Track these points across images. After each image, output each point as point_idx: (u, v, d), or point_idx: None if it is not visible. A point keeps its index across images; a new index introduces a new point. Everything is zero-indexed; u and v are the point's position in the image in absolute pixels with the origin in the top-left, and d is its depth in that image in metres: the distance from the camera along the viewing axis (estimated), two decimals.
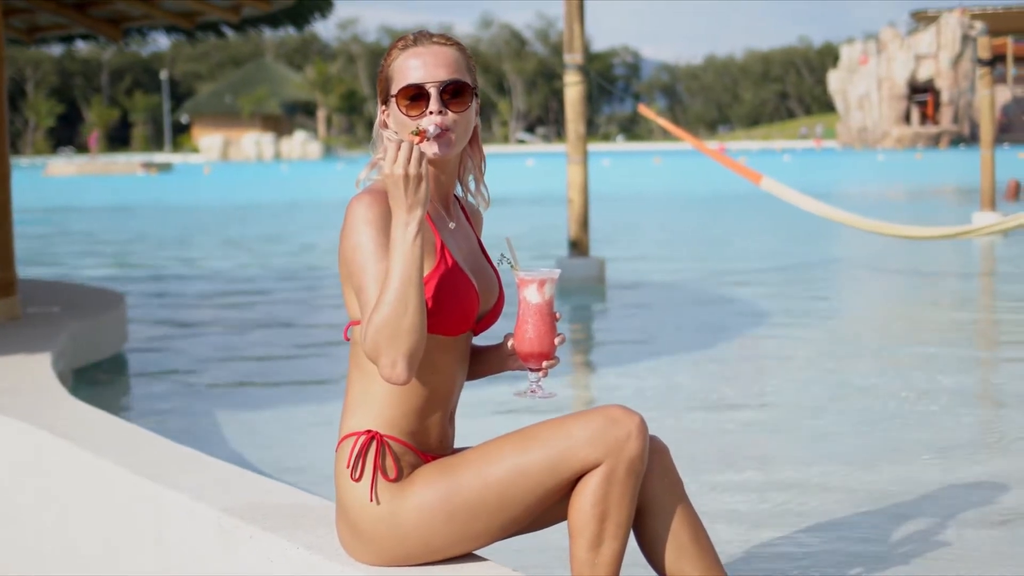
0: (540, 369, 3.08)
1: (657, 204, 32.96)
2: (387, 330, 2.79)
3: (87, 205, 37.94)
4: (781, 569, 4.52)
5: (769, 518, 5.14)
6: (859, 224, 13.13)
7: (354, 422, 3.01)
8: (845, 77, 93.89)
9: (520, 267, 3.06)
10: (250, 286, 15.09)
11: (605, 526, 2.91)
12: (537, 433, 2.97)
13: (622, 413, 2.94)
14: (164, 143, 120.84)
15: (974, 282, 14.88)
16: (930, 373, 8.38)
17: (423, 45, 3.02)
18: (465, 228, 3.18)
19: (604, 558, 2.92)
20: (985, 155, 20.66)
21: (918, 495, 5.41)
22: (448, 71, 3.00)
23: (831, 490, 5.55)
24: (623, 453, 2.90)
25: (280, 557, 3.22)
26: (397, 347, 2.80)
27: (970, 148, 78.63)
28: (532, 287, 3.04)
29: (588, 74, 14.72)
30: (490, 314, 3.14)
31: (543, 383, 3.09)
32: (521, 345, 3.05)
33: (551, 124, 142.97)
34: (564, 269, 14.21)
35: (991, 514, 5.14)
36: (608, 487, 2.90)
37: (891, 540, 4.78)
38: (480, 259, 3.17)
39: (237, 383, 8.78)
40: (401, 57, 3.03)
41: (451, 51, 3.04)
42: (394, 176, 2.79)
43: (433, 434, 3.06)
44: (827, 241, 19.78)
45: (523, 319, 3.05)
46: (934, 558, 4.57)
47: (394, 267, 2.80)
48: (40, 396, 5.54)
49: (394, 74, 3.02)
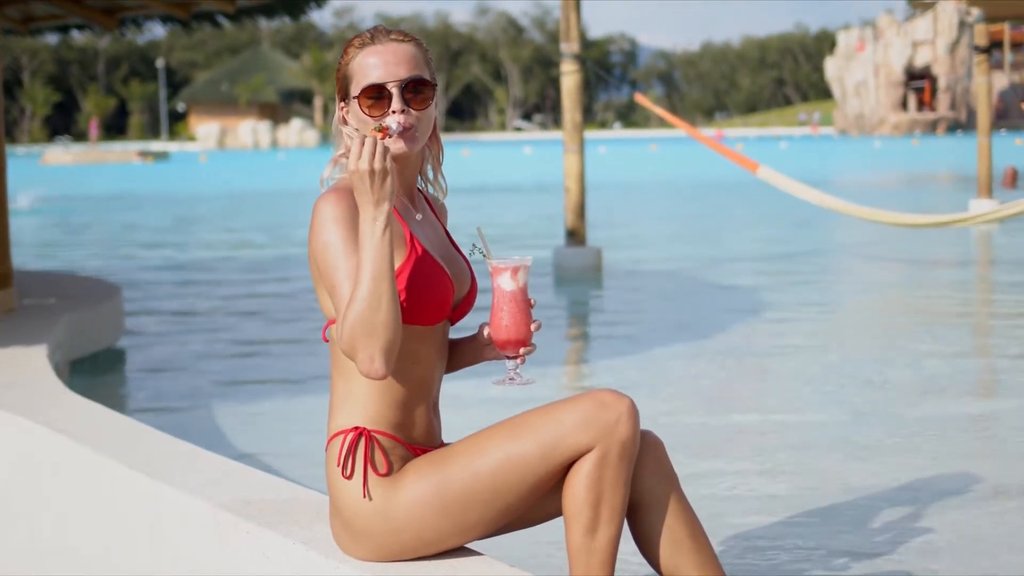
0: (517, 356, 3.08)
1: (654, 192, 32.95)
2: (362, 326, 2.80)
3: (83, 194, 37.89)
4: (778, 561, 4.52)
5: (764, 509, 5.13)
6: (856, 212, 13.13)
7: (340, 421, 3.02)
8: (842, 64, 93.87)
9: (492, 255, 3.06)
10: (247, 276, 15.08)
11: (600, 511, 2.91)
12: (527, 421, 2.97)
13: (611, 396, 2.94)
14: (161, 131, 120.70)
15: (971, 270, 14.89)
16: (927, 361, 8.39)
17: (381, 43, 3.03)
18: (431, 219, 3.19)
19: (600, 543, 2.92)
20: (982, 142, 20.67)
21: (916, 486, 5.41)
22: (408, 68, 3.01)
23: (829, 480, 5.55)
24: (614, 436, 2.90)
25: (277, 553, 3.22)
26: (373, 342, 2.81)
27: (967, 134, 78.65)
28: (506, 275, 3.05)
29: (585, 63, 14.70)
30: (465, 301, 3.15)
31: (521, 370, 3.09)
32: (497, 333, 3.06)
33: (548, 111, 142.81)
34: (561, 258, 14.26)
35: (991, 501, 5.14)
36: (601, 471, 2.90)
37: (890, 531, 4.78)
38: (449, 248, 3.18)
39: (234, 376, 8.78)
40: (360, 56, 3.03)
41: (409, 47, 3.05)
42: (359, 172, 2.81)
43: (419, 425, 3.06)
44: (823, 229, 19.78)
45: (498, 307, 3.06)
46: (931, 547, 4.58)
47: (365, 263, 2.81)
48: (36, 389, 5.53)
49: (353, 73, 3.03)
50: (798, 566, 4.46)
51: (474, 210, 26.03)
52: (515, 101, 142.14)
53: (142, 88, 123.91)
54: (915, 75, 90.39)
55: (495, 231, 20.45)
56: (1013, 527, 4.86)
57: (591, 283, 13.52)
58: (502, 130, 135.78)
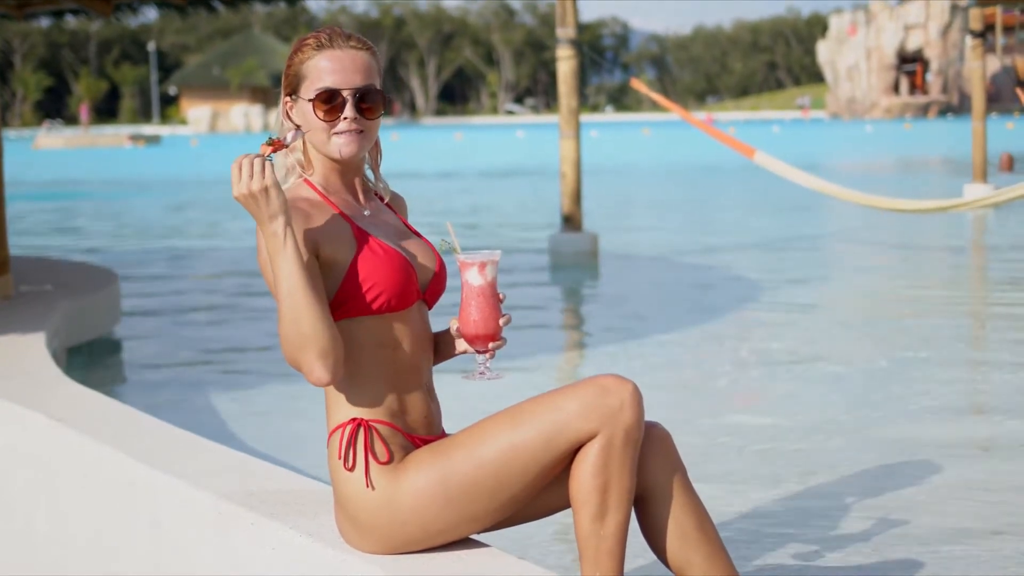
0: (487, 351, 3.09)
1: (647, 176, 32.91)
2: (291, 341, 2.86)
3: (76, 178, 37.81)
4: (780, 555, 4.51)
5: (763, 500, 5.12)
6: (852, 198, 13.11)
7: (337, 415, 3.03)
8: (834, 47, 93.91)
9: (460, 250, 3.07)
10: (241, 267, 15.04)
11: (607, 497, 2.90)
12: (529, 408, 2.96)
13: (614, 381, 2.92)
14: (152, 115, 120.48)
15: (966, 255, 14.88)
16: (923, 347, 8.39)
17: (339, 48, 3.05)
18: (384, 213, 3.21)
19: (609, 529, 2.91)
20: (977, 127, 20.66)
21: (916, 472, 5.41)
22: (363, 77, 3.05)
23: (827, 470, 5.54)
24: (618, 422, 2.89)
25: (282, 545, 3.20)
26: (307, 353, 2.86)
27: (958, 118, 78.70)
28: (473, 269, 3.06)
29: (581, 48, 14.66)
30: (435, 282, 3.16)
31: (491, 364, 3.10)
32: (466, 328, 3.08)
33: (540, 95, 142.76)
34: (557, 244, 14.24)
35: (993, 500, 5.14)
36: (607, 457, 2.89)
37: (893, 521, 4.77)
38: (407, 234, 3.20)
39: (231, 363, 8.75)
40: (316, 57, 3.05)
41: (366, 56, 3.09)
42: (242, 197, 2.84)
43: (415, 411, 3.07)
44: (818, 213, 19.78)
45: (466, 302, 3.07)
46: (935, 536, 4.57)
47: (278, 280, 2.86)
48: (34, 377, 5.50)
49: (307, 72, 3.05)
50: (799, 561, 4.45)
51: (470, 194, 26.02)
52: (507, 84, 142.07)
53: (134, 72, 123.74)
54: (907, 59, 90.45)
55: (491, 217, 20.43)
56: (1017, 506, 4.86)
57: (588, 269, 13.51)
58: (494, 113, 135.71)
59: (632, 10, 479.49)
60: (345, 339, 2.96)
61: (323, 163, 3.10)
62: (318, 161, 3.10)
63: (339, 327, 2.94)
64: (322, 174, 3.10)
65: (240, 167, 2.84)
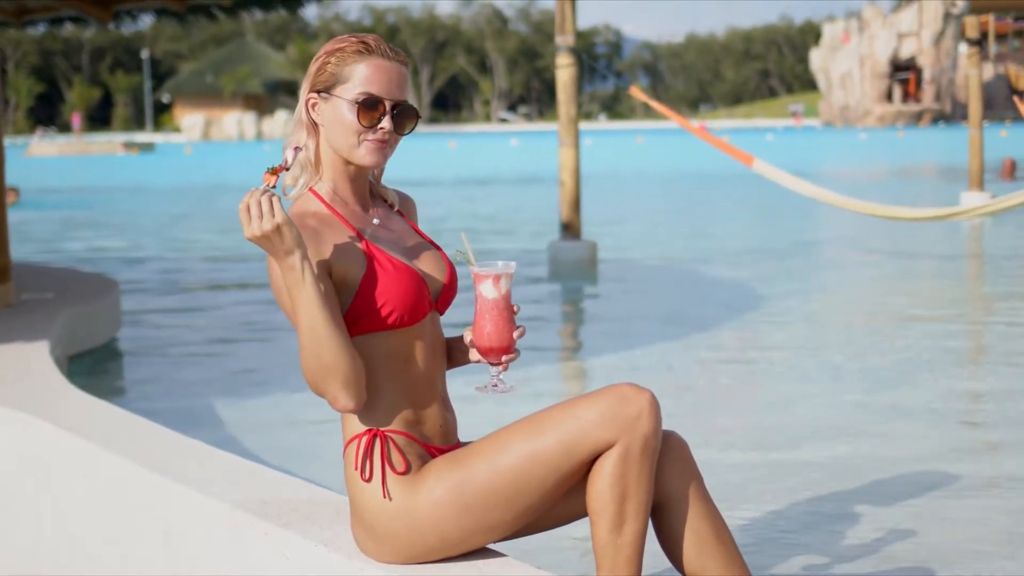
0: (500, 363, 3.07)
1: (642, 184, 32.92)
2: (313, 371, 2.86)
3: (69, 186, 37.76)
4: (788, 556, 4.51)
5: (769, 507, 5.12)
6: (850, 206, 13.13)
7: (353, 426, 3.02)
8: (827, 55, 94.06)
9: (476, 262, 3.04)
10: (243, 275, 15.02)
11: (625, 506, 2.89)
12: (547, 417, 2.95)
13: (632, 390, 2.92)
14: (145, 123, 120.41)
15: (963, 263, 14.89)
16: (920, 354, 8.39)
17: (387, 59, 3.05)
18: (392, 218, 3.19)
19: (627, 538, 2.91)
20: (973, 135, 20.68)
21: (924, 477, 5.41)
22: (403, 92, 3.06)
23: (831, 472, 5.53)
24: (636, 431, 2.88)
25: (297, 554, 3.19)
26: (330, 383, 2.86)
27: (951, 126, 78.84)
28: (488, 282, 3.02)
29: (580, 56, 14.67)
30: (446, 290, 3.14)
31: (504, 376, 3.07)
32: (480, 340, 3.04)
33: (533, 103, 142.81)
34: (556, 252, 14.23)
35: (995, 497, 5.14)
36: (625, 466, 2.88)
37: (903, 528, 4.77)
38: (418, 241, 3.18)
39: (235, 370, 8.72)
40: (364, 62, 3.03)
41: (406, 72, 3.11)
42: (255, 239, 2.82)
43: (431, 421, 3.06)
44: (814, 221, 19.79)
45: (480, 314, 3.04)
46: (945, 544, 4.57)
47: (297, 311, 2.85)
48: (40, 386, 5.49)
49: (349, 75, 3.02)
50: (802, 561, 4.45)
51: (467, 202, 26.02)
52: (500, 92, 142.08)
53: (127, 79, 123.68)
54: (900, 66, 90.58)
55: (488, 225, 20.43)
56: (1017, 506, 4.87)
57: (587, 277, 13.50)
58: (487, 121, 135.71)
59: (625, 17, 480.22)
60: (359, 354, 2.94)
61: (335, 167, 3.06)
62: (329, 164, 3.06)
63: (352, 343, 2.93)
64: (331, 179, 3.07)
65: (248, 209, 2.81)
